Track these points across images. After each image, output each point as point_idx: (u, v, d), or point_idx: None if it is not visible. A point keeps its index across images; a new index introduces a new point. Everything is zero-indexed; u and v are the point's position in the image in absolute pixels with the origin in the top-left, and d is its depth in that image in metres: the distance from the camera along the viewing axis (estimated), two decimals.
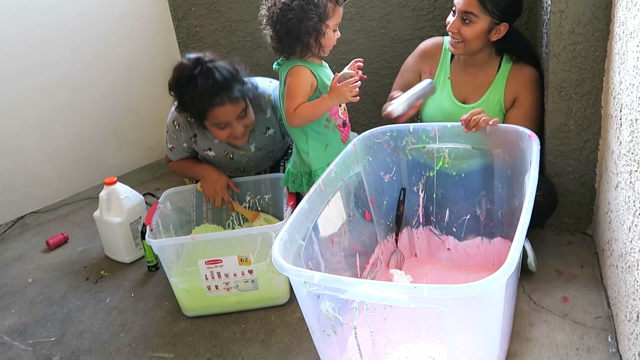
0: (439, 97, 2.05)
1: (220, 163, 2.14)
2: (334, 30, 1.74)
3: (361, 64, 1.81)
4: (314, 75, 1.76)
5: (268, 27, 1.72)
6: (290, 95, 1.75)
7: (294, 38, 1.69)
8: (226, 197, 2.06)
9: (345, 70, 1.84)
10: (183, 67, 1.85)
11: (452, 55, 2.07)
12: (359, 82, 1.73)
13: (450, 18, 1.94)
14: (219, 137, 1.96)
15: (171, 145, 2.12)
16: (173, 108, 2.05)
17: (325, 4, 1.67)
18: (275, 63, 1.81)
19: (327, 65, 1.85)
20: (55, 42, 2.54)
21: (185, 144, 2.10)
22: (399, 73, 2.19)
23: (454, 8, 1.92)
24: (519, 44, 2.01)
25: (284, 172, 2.23)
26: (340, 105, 1.82)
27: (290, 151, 2.38)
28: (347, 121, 1.89)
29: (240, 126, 1.92)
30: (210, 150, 2.10)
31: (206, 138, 2.06)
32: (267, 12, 1.71)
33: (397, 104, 1.87)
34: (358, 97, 1.74)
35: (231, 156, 2.12)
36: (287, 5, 1.66)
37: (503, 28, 1.90)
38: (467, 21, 1.87)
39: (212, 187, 2.05)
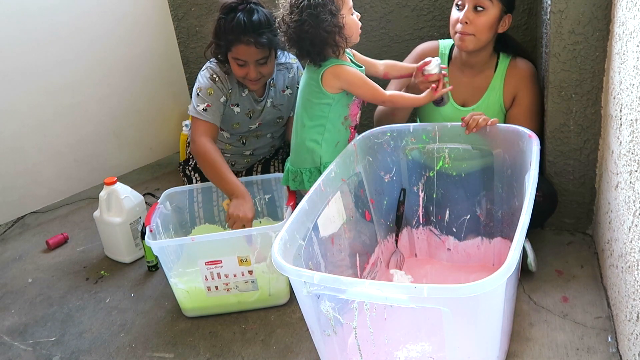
0: None
1: (238, 122, 2.16)
2: (352, 14, 1.74)
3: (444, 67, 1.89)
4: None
5: (293, 48, 1.76)
6: (364, 84, 1.79)
7: (320, 44, 1.71)
8: (248, 227, 1.88)
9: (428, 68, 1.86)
10: None
11: (449, 59, 2.06)
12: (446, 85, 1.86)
13: (457, 13, 1.89)
14: (235, 72, 2.01)
15: (206, 104, 2.01)
16: (204, 69, 2.08)
17: None
18: (310, 65, 1.81)
19: (361, 67, 1.86)
20: (55, 42, 2.53)
21: (222, 98, 2.05)
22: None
23: (459, 2, 1.88)
24: (512, 40, 2.01)
25: (274, 172, 2.24)
26: (360, 109, 1.88)
27: (281, 151, 2.39)
28: (357, 125, 1.91)
29: (256, 71, 1.98)
30: (237, 106, 2.12)
31: (237, 92, 2.10)
32: (285, 36, 1.74)
33: (437, 67, 1.85)
34: (441, 99, 1.88)
35: (250, 115, 2.16)
36: (300, 21, 1.68)
37: (508, 20, 1.90)
38: (479, 9, 1.84)
39: (242, 212, 1.87)
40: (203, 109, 2.01)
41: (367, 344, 1.42)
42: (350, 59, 1.85)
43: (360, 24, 1.77)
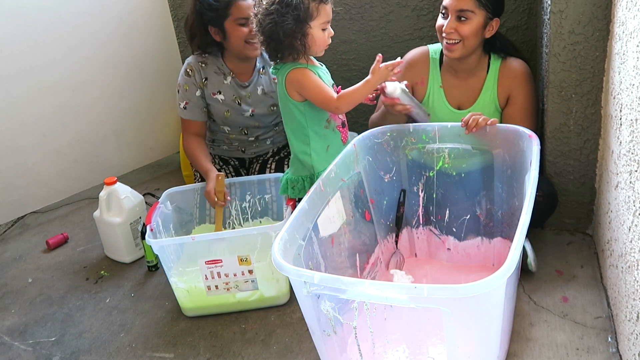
0: (434, 107, 2.04)
1: (229, 111, 2.18)
2: (324, 29, 1.72)
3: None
4: (314, 72, 1.76)
5: (258, 34, 1.75)
6: (314, 88, 1.74)
7: (278, 42, 1.70)
8: (220, 196, 1.99)
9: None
10: None
11: (441, 63, 2.05)
12: (400, 62, 1.73)
13: (442, 21, 1.92)
14: (237, 35, 2.02)
15: (185, 102, 2.14)
16: (183, 66, 2.16)
17: (307, 4, 1.66)
18: (272, 67, 1.82)
19: (323, 65, 1.85)
20: (55, 42, 2.54)
21: (198, 92, 2.13)
22: None
23: (443, 11, 1.91)
24: (502, 40, 2.01)
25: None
26: None
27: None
28: (346, 122, 1.89)
29: None
30: (220, 93, 2.16)
31: (217, 80, 2.14)
32: (254, 19, 1.73)
33: (399, 90, 1.79)
34: (395, 78, 1.75)
35: (239, 102, 2.18)
36: (266, 11, 1.68)
37: (495, 24, 1.90)
38: (463, 19, 1.86)
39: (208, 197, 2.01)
40: (183, 107, 2.15)
41: (367, 344, 1.43)
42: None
43: (329, 41, 1.75)
